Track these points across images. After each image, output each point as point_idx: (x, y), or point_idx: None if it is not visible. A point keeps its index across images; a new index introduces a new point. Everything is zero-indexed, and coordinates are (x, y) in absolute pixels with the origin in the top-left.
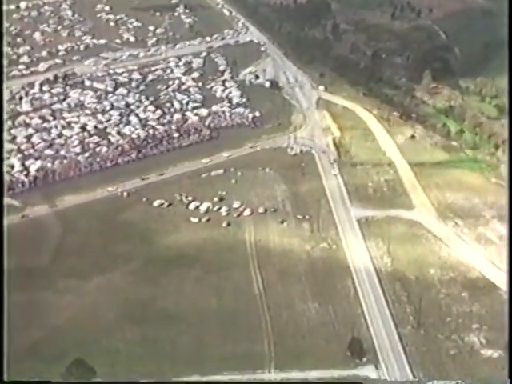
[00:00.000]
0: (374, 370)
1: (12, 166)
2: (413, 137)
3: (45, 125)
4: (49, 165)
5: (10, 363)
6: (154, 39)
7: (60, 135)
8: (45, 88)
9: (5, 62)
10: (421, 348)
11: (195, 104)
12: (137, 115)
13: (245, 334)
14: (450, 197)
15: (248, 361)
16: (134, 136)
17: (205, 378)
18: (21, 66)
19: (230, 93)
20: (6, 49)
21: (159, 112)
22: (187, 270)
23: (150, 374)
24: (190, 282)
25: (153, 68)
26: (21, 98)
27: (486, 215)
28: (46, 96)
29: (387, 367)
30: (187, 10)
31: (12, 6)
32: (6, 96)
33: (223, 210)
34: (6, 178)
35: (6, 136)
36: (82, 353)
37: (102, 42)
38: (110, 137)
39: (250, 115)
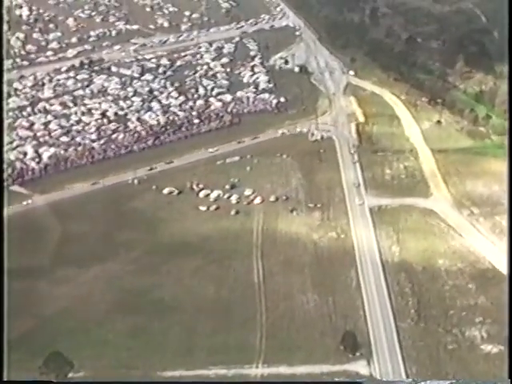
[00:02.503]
0: (366, 365)
1: (25, 154)
2: (439, 122)
3: (64, 111)
4: (62, 152)
5: None
6: (189, 24)
7: (78, 122)
8: (70, 74)
9: (33, 49)
10: (418, 342)
11: (220, 90)
12: (159, 101)
13: (238, 325)
14: (469, 184)
15: (237, 354)
16: (153, 122)
17: (191, 373)
18: (49, 53)
19: (258, 78)
20: (36, 35)
21: (182, 98)
22: (188, 259)
23: (137, 367)
24: (189, 271)
25: (182, 54)
26: (43, 84)
27: (505, 203)
28: (70, 82)
29: (379, 362)
30: None
31: None
32: (29, 82)
33: (233, 198)
34: (17, 165)
35: (23, 123)
36: (68, 345)
37: (135, 27)
38: (128, 123)
39: (274, 101)
